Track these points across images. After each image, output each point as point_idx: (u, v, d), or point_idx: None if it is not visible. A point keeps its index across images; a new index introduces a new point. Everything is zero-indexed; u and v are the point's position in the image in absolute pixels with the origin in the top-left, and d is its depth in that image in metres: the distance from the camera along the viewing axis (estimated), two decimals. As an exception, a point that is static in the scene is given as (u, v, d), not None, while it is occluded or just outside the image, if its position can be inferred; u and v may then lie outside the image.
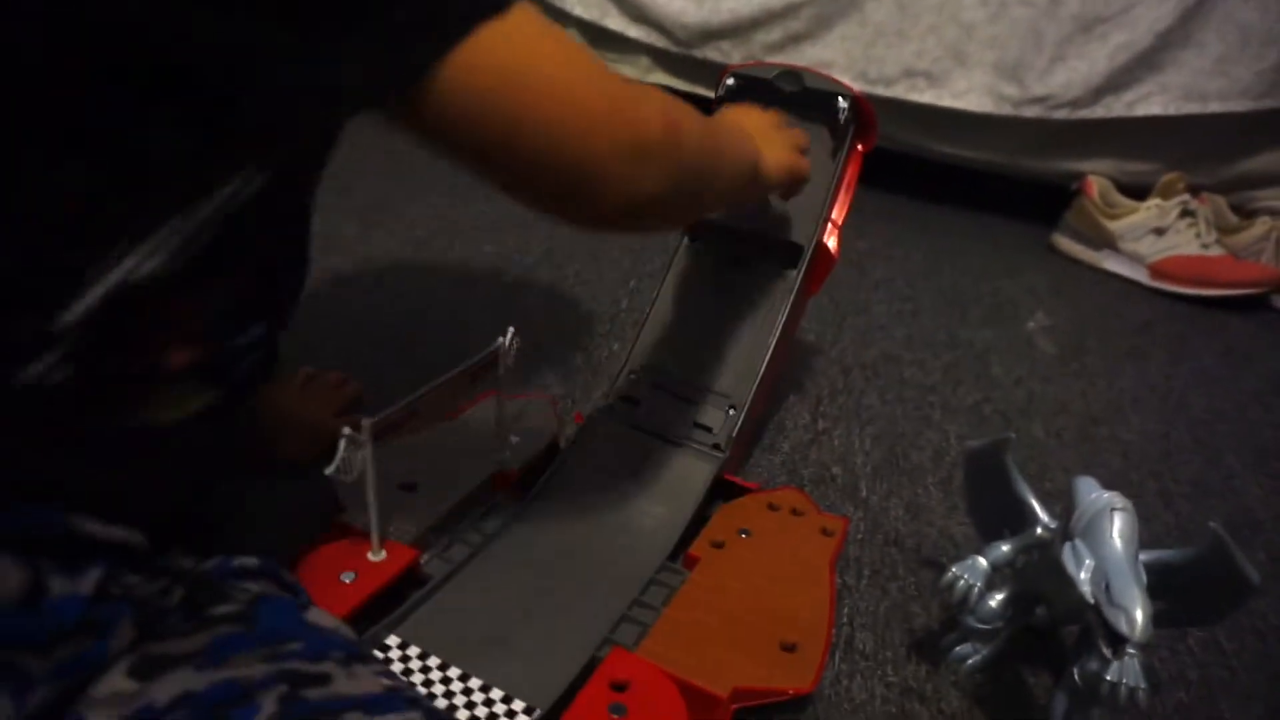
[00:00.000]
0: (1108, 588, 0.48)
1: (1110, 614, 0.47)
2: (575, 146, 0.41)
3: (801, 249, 0.77)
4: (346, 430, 0.54)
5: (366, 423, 0.55)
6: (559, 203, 0.45)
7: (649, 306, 0.80)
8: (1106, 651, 0.48)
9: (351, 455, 0.55)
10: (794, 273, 0.77)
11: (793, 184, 0.70)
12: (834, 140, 0.78)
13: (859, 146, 0.78)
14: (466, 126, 0.39)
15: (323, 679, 0.40)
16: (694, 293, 0.80)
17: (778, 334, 0.76)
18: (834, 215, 0.78)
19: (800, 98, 0.77)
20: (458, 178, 1.44)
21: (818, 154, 0.78)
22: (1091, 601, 0.48)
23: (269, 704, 0.38)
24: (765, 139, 0.64)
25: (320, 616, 0.44)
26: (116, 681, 0.37)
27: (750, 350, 0.76)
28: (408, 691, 0.42)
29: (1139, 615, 0.46)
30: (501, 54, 0.38)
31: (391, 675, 0.43)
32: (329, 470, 0.54)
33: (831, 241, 0.78)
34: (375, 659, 0.44)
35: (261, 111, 0.37)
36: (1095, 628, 0.48)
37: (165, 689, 0.37)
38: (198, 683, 0.38)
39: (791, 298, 0.76)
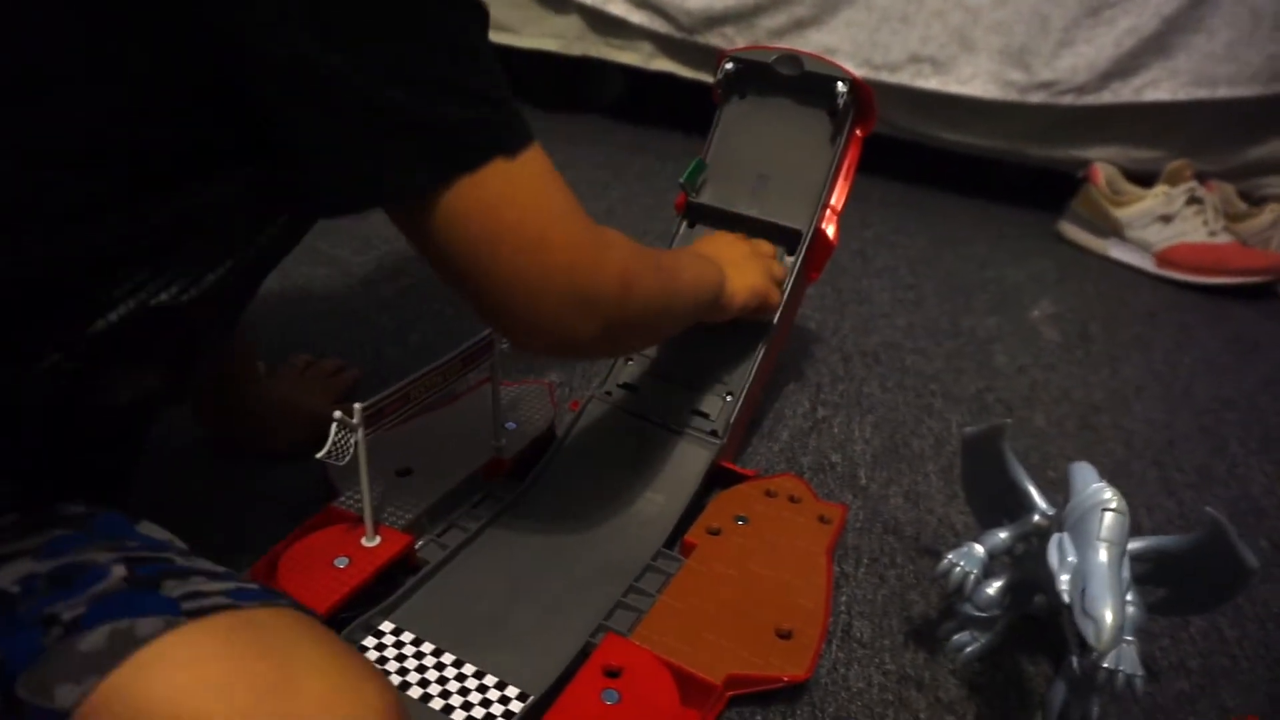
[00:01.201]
0: (1084, 592, 0.46)
1: (1080, 621, 0.46)
2: (529, 285, 0.45)
3: (800, 234, 0.76)
4: (338, 414, 0.54)
5: (358, 407, 0.55)
6: (505, 327, 0.49)
7: None
8: (1074, 648, 0.47)
9: (344, 440, 0.55)
10: (792, 259, 0.77)
11: (760, 310, 0.72)
12: (833, 125, 0.77)
13: (858, 131, 0.77)
14: (442, 239, 0.43)
15: (165, 560, 0.41)
16: None
17: (775, 321, 0.75)
18: (833, 201, 0.77)
19: (799, 82, 0.76)
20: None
21: (816, 139, 0.77)
22: (1066, 603, 0.47)
23: (118, 570, 0.39)
24: (735, 266, 0.68)
25: (152, 529, 0.45)
26: None
27: (748, 336, 0.75)
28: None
29: (1106, 628, 0.44)
30: (492, 187, 0.42)
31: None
32: (320, 455, 0.54)
33: (830, 228, 0.77)
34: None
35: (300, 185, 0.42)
36: (1068, 628, 0.47)
37: (5, 575, 0.38)
38: (41, 566, 0.39)
39: (789, 284, 0.75)
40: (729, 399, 0.74)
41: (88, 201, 0.38)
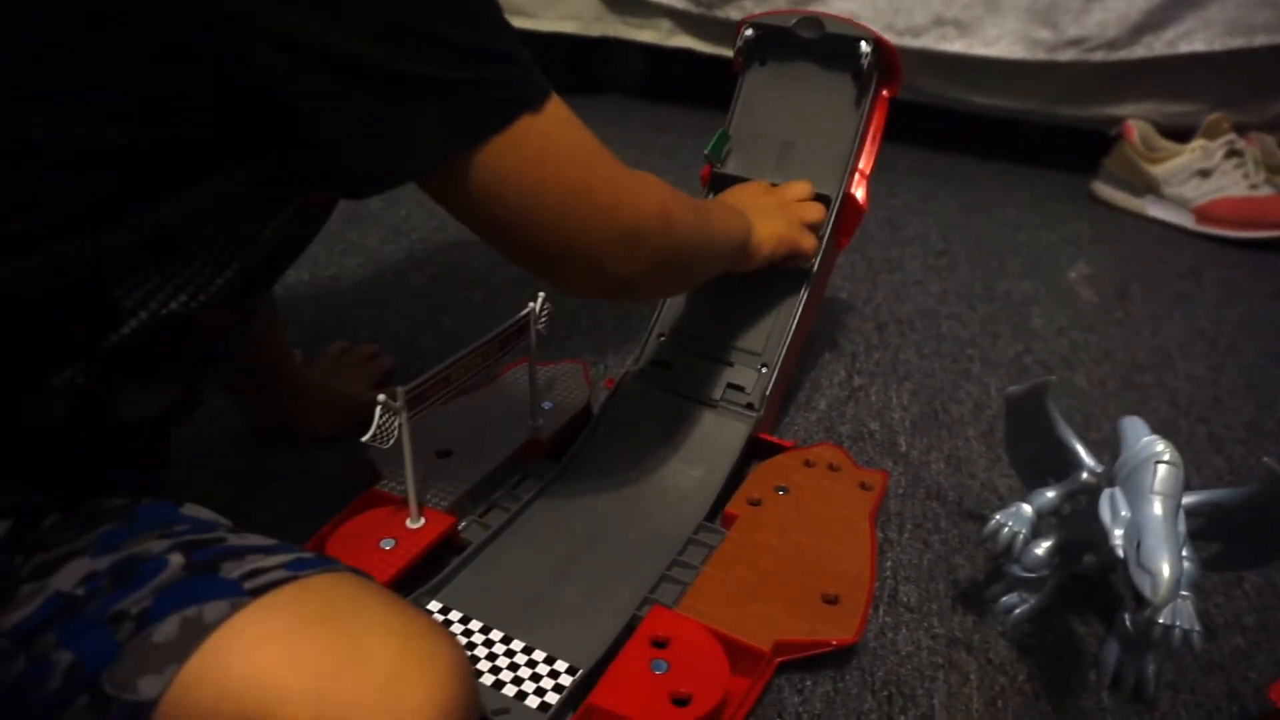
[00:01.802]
0: (1139, 546, 0.45)
1: (1136, 575, 0.45)
2: (578, 230, 0.46)
3: (829, 200, 0.75)
4: (382, 398, 0.55)
5: (401, 390, 0.55)
6: (558, 275, 0.49)
7: None
8: (1129, 603, 0.46)
9: (387, 423, 0.55)
10: (820, 229, 0.76)
11: (792, 257, 0.72)
12: (858, 88, 0.75)
13: (884, 92, 0.76)
14: (485, 201, 0.43)
15: (217, 541, 0.42)
16: None
17: (808, 288, 0.74)
18: (861, 165, 0.76)
19: (821, 45, 0.75)
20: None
21: (841, 103, 0.76)
22: (1121, 557, 0.46)
23: (175, 558, 0.40)
24: (762, 214, 0.68)
25: (197, 510, 0.45)
26: (21, 587, 0.38)
27: (780, 307, 0.75)
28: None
29: (1164, 582, 0.43)
30: (529, 143, 0.42)
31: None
32: (365, 438, 0.54)
33: (859, 192, 0.76)
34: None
35: (321, 165, 0.41)
36: (1123, 583, 0.47)
37: (67, 578, 0.39)
38: (99, 564, 0.39)
39: (820, 251, 0.75)
40: (764, 370, 0.73)
41: (92, 205, 0.37)
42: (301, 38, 0.36)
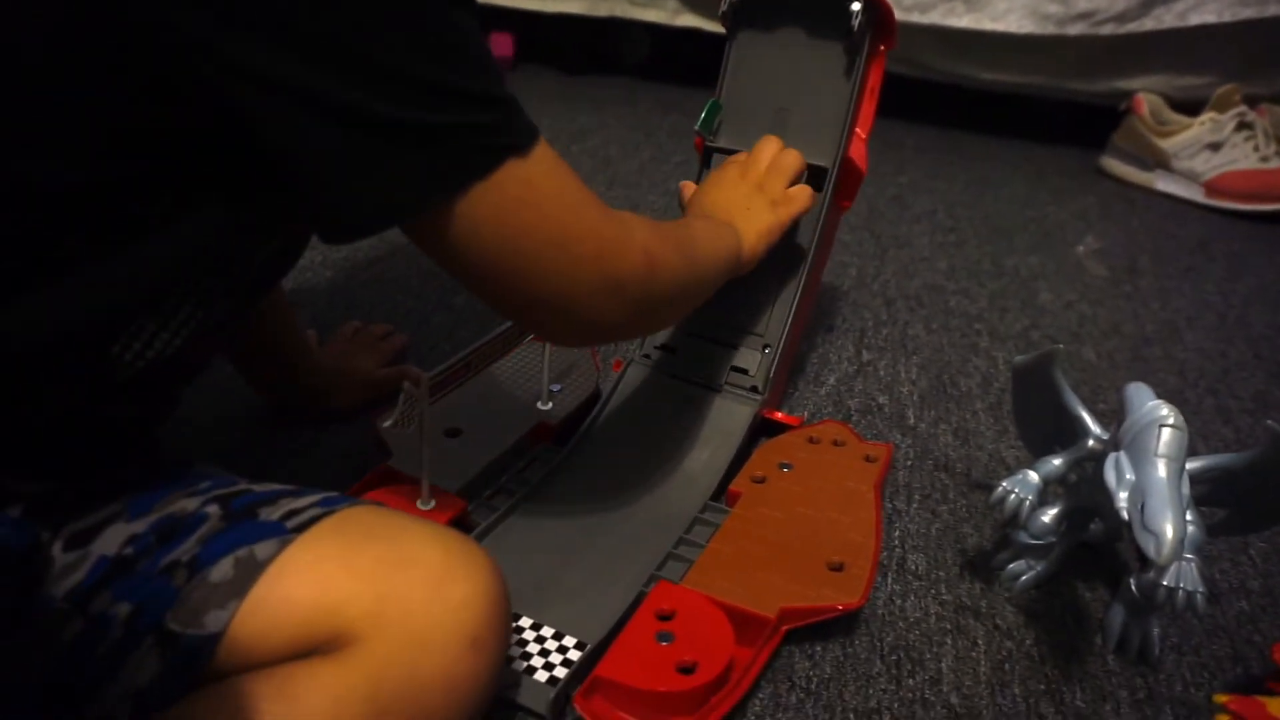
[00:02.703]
0: (1143, 507, 0.46)
1: (1140, 536, 0.45)
2: (557, 279, 0.44)
3: (825, 172, 0.72)
4: (407, 384, 0.56)
5: (425, 377, 0.56)
6: (536, 323, 0.49)
7: None
8: (1134, 565, 0.47)
9: (409, 409, 0.56)
10: (819, 198, 0.72)
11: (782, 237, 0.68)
12: (850, 47, 0.71)
13: (880, 48, 0.71)
14: (461, 247, 0.41)
15: (245, 491, 0.44)
16: None
17: (808, 265, 0.73)
18: (858, 128, 0.73)
19: (810, 5, 0.72)
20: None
21: (834, 64, 0.72)
22: (1125, 519, 0.47)
23: (212, 510, 0.43)
24: (744, 213, 0.65)
25: (208, 468, 0.47)
26: (57, 557, 0.40)
27: (781, 286, 0.74)
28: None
29: (1168, 542, 0.44)
30: (510, 190, 0.40)
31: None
32: (389, 424, 0.56)
33: (859, 155, 0.73)
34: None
35: (301, 207, 0.41)
36: (1128, 545, 0.47)
37: (108, 543, 0.41)
38: (137, 527, 0.42)
39: (819, 225, 0.73)
40: (766, 351, 0.73)
41: (75, 250, 0.37)
42: (283, 80, 0.35)
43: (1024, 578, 0.60)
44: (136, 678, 0.39)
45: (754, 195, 0.67)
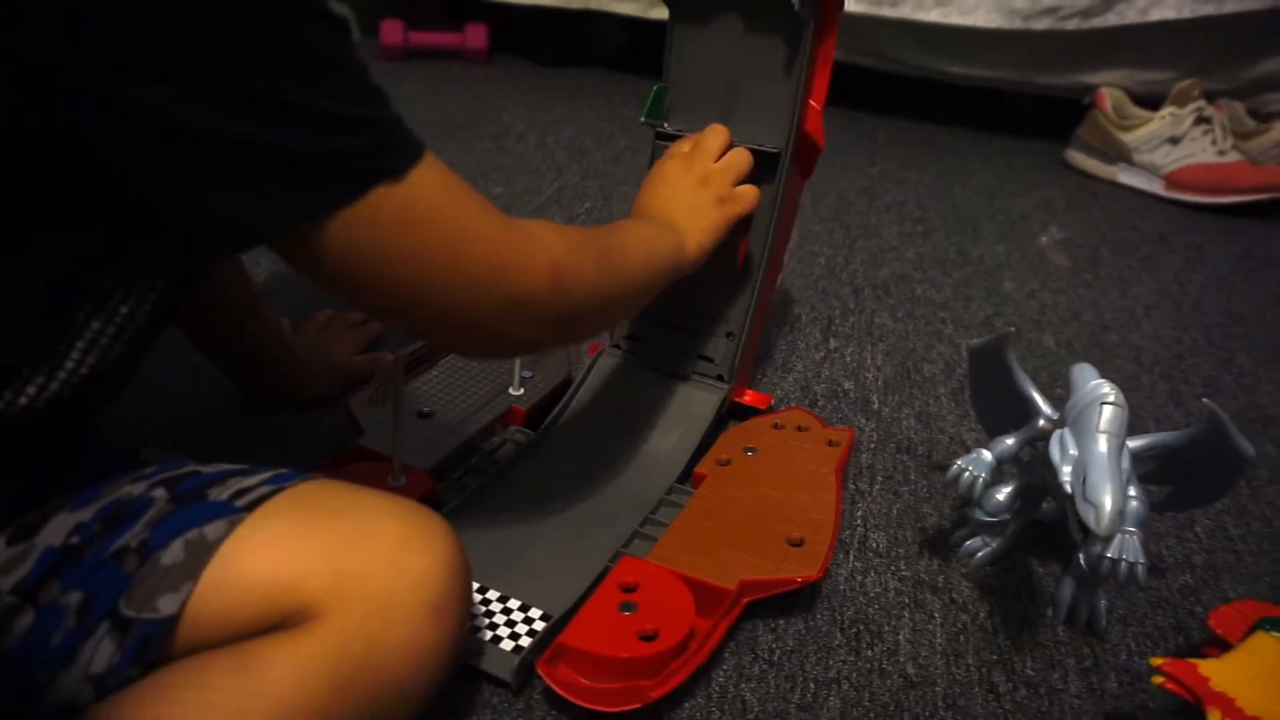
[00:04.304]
0: (1085, 481, 0.48)
1: (1081, 508, 0.48)
2: (450, 302, 0.43)
3: (777, 157, 0.70)
4: (383, 362, 0.57)
5: (400, 356, 0.57)
6: (441, 341, 0.48)
7: None
8: (1077, 538, 0.49)
9: (384, 385, 0.58)
10: (772, 186, 0.70)
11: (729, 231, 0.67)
12: (797, 17, 0.65)
13: (831, 15, 0.67)
14: (344, 272, 0.40)
15: (193, 473, 0.44)
16: None
17: (768, 249, 0.72)
18: (811, 99, 0.69)
19: None
20: (464, 121, 1.45)
21: (782, 37, 0.68)
22: (1069, 492, 0.49)
23: (159, 493, 0.42)
24: (688, 211, 0.63)
25: (152, 453, 0.47)
26: (1, 551, 0.40)
27: (742, 272, 0.74)
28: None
29: (1107, 512, 0.46)
30: (388, 214, 0.39)
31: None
32: (365, 399, 0.57)
33: (814, 128, 0.70)
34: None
35: (169, 239, 0.39)
36: (1070, 517, 0.50)
37: (53, 534, 0.40)
38: (82, 516, 0.41)
39: (775, 211, 0.71)
40: (730, 339, 0.74)
41: None
42: (130, 101, 0.33)
43: (979, 554, 0.62)
44: (93, 663, 0.39)
45: (698, 191, 0.65)
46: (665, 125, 0.74)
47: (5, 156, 0.35)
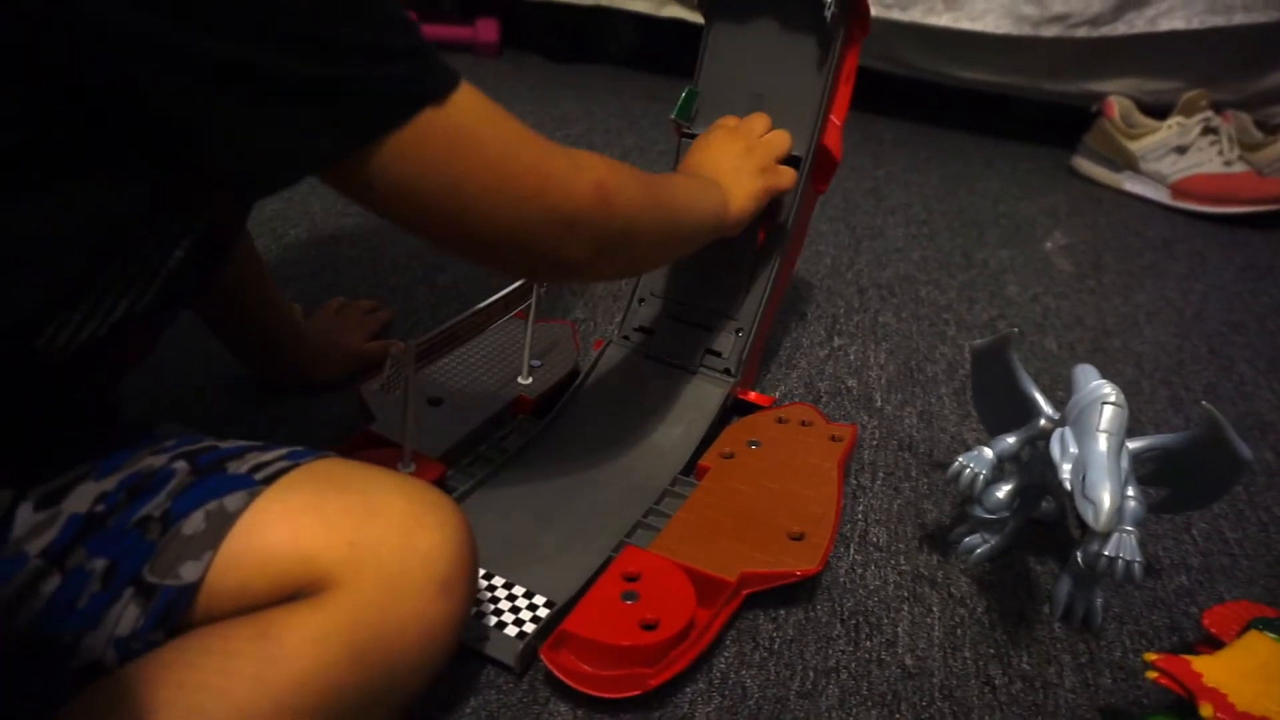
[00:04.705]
0: (1084, 478, 0.49)
1: (1080, 504, 0.49)
2: (502, 221, 0.44)
3: (799, 161, 0.73)
4: (393, 350, 0.58)
5: (411, 344, 0.58)
6: (495, 263, 0.48)
7: None
8: (1076, 534, 0.50)
9: (395, 373, 0.58)
10: (792, 192, 0.73)
11: (773, 202, 0.70)
12: (826, 34, 0.70)
13: (855, 35, 0.72)
14: (395, 198, 0.41)
15: (211, 448, 0.45)
16: None
17: (782, 251, 0.75)
18: (833, 115, 0.73)
19: None
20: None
21: (809, 52, 0.72)
22: (1068, 490, 0.50)
23: (180, 465, 0.44)
24: (733, 175, 0.65)
25: (172, 428, 0.48)
26: (28, 517, 0.41)
27: (755, 270, 0.76)
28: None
29: (1105, 509, 0.47)
30: (434, 139, 0.40)
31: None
32: (377, 387, 0.58)
33: (833, 141, 0.74)
34: None
35: (213, 175, 0.40)
36: (1070, 515, 0.50)
37: (78, 502, 0.42)
38: (106, 485, 0.42)
39: (794, 211, 0.74)
40: (739, 335, 0.75)
41: None
42: (169, 43, 0.34)
43: (978, 550, 0.63)
44: (119, 627, 0.40)
45: (744, 157, 0.68)
46: (691, 126, 0.77)
47: (50, 101, 0.36)
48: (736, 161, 0.67)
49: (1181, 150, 1.35)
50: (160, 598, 0.40)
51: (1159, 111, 1.39)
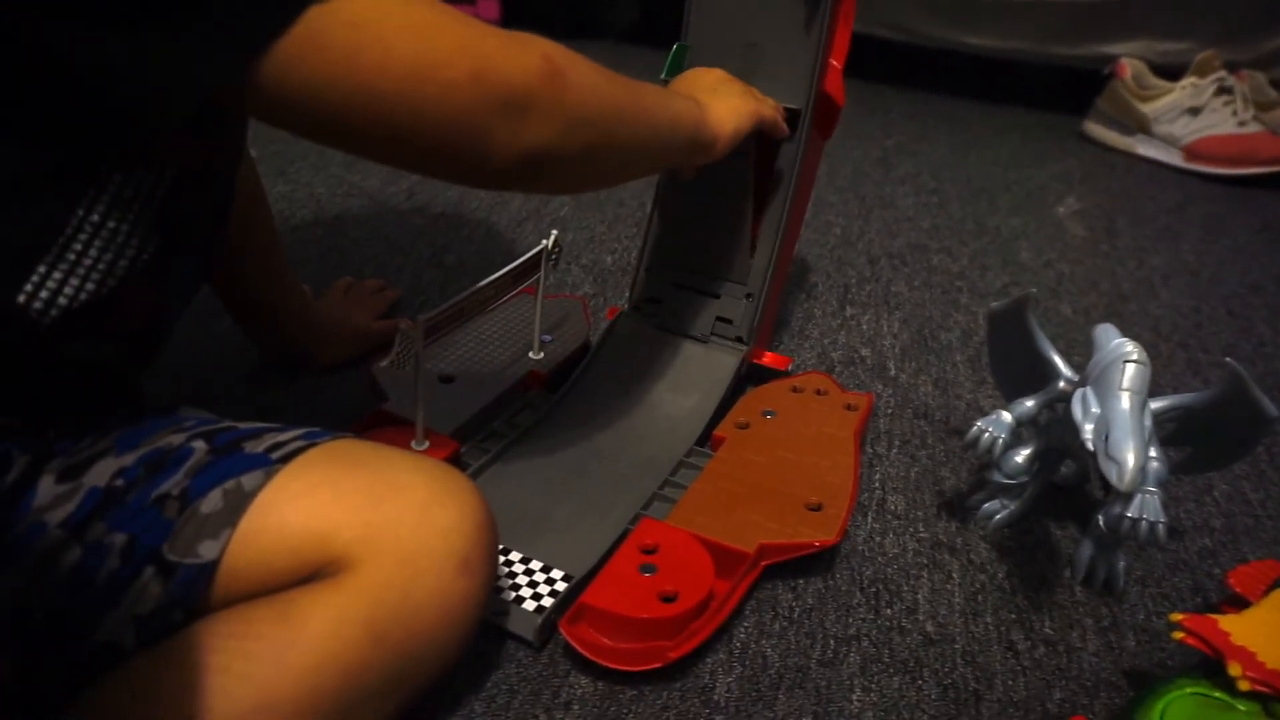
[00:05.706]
0: (1107, 438, 0.48)
1: (1104, 464, 0.48)
2: (433, 115, 0.39)
3: (798, 114, 0.69)
4: (402, 326, 0.57)
5: (420, 320, 0.58)
6: (444, 166, 0.43)
7: (652, 202, 0.76)
8: (1099, 495, 0.49)
9: (405, 349, 0.58)
10: (793, 144, 0.71)
11: (765, 127, 0.65)
12: None
13: None
14: (309, 110, 0.37)
15: (229, 428, 0.45)
16: (697, 179, 0.69)
17: (787, 209, 0.72)
18: (832, 58, 0.69)
19: None
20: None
21: (799, 0, 0.68)
22: (1091, 449, 0.50)
23: (199, 444, 0.43)
24: (710, 93, 0.61)
25: (192, 410, 0.48)
26: (49, 488, 0.41)
27: (761, 231, 0.74)
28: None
29: (1129, 468, 0.47)
30: (333, 38, 0.36)
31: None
32: (386, 363, 0.57)
33: (835, 87, 0.70)
34: None
35: (101, 122, 0.37)
36: (1093, 474, 0.50)
37: (99, 475, 0.42)
38: (126, 460, 0.42)
39: (796, 169, 0.71)
40: (749, 300, 0.74)
41: None
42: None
43: (998, 516, 0.62)
44: (139, 605, 0.40)
45: (726, 82, 0.64)
46: None
47: None
48: (715, 84, 0.63)
49: (1195, 111, 1.33)
50: (180, 576, 0.40)
51: (1171, 74, 1.37)
